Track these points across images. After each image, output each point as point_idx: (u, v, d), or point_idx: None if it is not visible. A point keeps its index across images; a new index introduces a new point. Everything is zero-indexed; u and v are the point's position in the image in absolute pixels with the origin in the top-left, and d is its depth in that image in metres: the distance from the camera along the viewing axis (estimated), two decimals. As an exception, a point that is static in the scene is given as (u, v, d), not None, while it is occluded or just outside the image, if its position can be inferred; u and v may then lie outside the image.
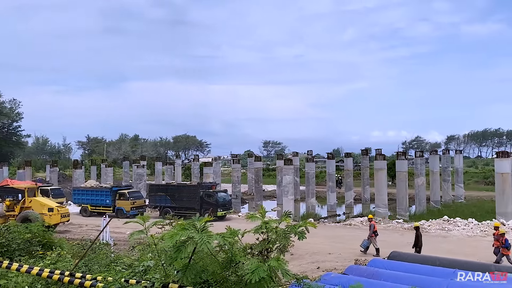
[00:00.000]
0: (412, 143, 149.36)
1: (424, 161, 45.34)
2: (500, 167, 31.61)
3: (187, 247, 4.06)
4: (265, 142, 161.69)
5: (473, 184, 65.04)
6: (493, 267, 13.81)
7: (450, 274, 12.39)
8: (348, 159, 50.51)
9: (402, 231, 28.70)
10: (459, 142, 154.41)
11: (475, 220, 29.64)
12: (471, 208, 39.36)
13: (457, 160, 51.57)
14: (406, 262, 14.59)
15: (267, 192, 58.97)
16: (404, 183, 36.96)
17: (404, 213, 35.70)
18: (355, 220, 33.62)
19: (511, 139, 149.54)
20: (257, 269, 3.86)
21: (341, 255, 21.13)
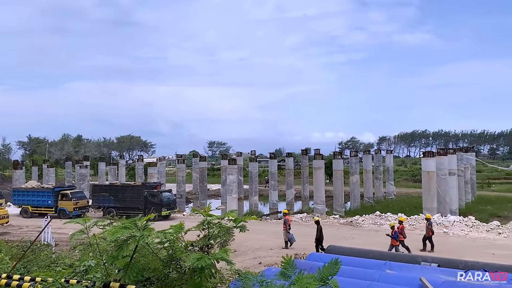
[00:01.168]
0: (348, 143, 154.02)
1: (358, 160, 46.82)
2: (427, 166, 33.20)
3: (128, 245, 3.95)
4: (210, 142, 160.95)
5: (402, 181, 67.96)
6: (420, 258, 14.48)
7: (382, 265, 12.85)
8: (289, 159, 51.37)
9: (338, 226, 29.50)
10: (390, 142, 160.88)
11: (404, 215, 30.93)
12: (401, 203, 41.03)
13: (388, 159, 53.69)
14: (343, 255, 14.98)
15: (212, 191, 58.68)
16: (340, 181, 37.99)
17: (340, 209, 36.71)
18: (295, 216, 34.15)
19: (437, 140, 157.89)
20: (202, 258, 3.83)
21: (282, 250, 21.40)
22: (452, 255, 17.96)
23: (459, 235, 25.50)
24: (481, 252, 20.55)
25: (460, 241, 24.00)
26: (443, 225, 27.62)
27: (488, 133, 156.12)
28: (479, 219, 29.33)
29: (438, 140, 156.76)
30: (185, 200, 47.23)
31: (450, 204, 33.09)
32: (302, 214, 34.95)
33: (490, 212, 34.67)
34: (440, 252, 19.29)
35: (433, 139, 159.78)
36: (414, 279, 11.17)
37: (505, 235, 24.95)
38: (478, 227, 26.87)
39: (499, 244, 22.99)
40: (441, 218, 29.23)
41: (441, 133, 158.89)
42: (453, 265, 13.57)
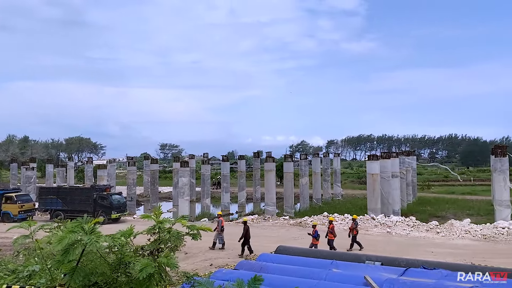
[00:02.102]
0: (298, 146, 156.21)
1: (308, 163, 47.62)
2: (371, 168, 34.26)
3: (75, 249, 3.81)
4: (162, 144, 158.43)
5: (349, 183, 69.71)
6: (365, 257, 14.92)
7: (328, 265, 13.13)
8: (241, 161, 51.52)
9: (288, 227, 29.81)
10: (337, 146, 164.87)
11: (349, 216, 31.71)
12: (347, 204, 42.08)
13: (336, 162, 54.98)
14: (292, 255, 15.17)
15: (163, 194, 57.76)
16: (290, 183, 38.46)
17: (290, 210, 37.16)
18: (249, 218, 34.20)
19: (381, 144, 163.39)
20: (146, 266, 3.76)
21: (233, 251, 21.36)
22: (394, 253, 18.63)
23: (401, 235, 26.46)
24: (422, 251, 21.44)
25: (402, 240, 24.91)
26: (386, 225, 28.57)
27: (428, 137, 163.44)
28: (420, 219, 30.56)
29: (382, 144, 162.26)
30: (135, 203, 46.19)
31: (393, 205, 34.31)
32: (254, 216, 35.09)
33: (430, 213, 36.25)
34: (383, 251, 19.91)
35: (377, 143, 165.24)
36: (359, 277, 11.49)
37: (443, 234, 26.16)
38: (418, 227, 28.00)
39: (438, 243, 24.07)
40: (384, 218, 30.22)
41: (385, 137, 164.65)
42: (395, 263, 14.07)
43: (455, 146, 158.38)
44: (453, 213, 35.15)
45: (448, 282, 11.10)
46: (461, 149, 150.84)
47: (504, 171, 29.03)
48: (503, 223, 26.79)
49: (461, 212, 35.62)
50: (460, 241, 24.52)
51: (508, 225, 26.35)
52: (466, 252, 21.26)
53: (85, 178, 51.91)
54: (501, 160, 29.12)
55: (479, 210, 36.28)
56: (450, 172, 55.99)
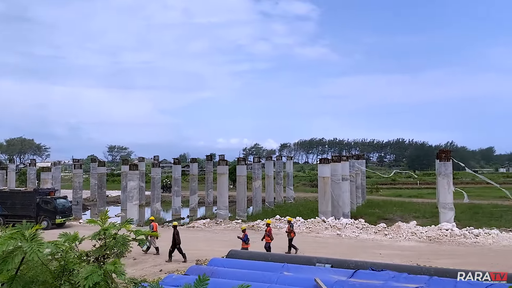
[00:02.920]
0: (251, 149, 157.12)
1: (261, 166, 47.95)
2: (322, 171, 34.93)
3: (14, 257, 3.63)
4: (110, 146, 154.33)
5: (301, 186, 70.80)
6: (315, 260, 15.18)
7: (280, 268, 13.26)
8: (194, 164, 51.12)
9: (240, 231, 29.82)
10: (290, 149, 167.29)
11: (302, 218, 32.18)
12: (299, 207, 42.66)
13: (288, 165, 55.71)
14: (243, 259, 15.19)
15: (111, 198, 56.24)
16: (243, 186, 38.54)
17: (242, 214, 37.23)
18: (198, 222, 33.97)
19: (332, 147, 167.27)
20: (92, 274, 3.64)
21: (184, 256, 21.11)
22: (344, 256, 19.07)
23: (351, 237, 27.17)
24: (370, 252, 22.11)
25: (352, 242, 25.59)
26: (337, 228, 29.23)
27: (377, 142, 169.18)
28: (369, 221, 31.48)
29: (334, 147, 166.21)
30: (81, 207, 44.72)
31: (343, 208, 35.16)
32: (206, 220, 34.86)
33: (378, 215, 37.43)
34: (334, 253, 20.34)
35: (329, 147, 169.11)
36: (309, 280, 11.69)
37: (390, 236, 27.09)
38: (367, 229, 28.85)
39: (385, 245, 24.90)
40: (335, 220, 30.90)
41: (336, 141, 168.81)
42: (344, 265, 14.41)
43: (402, 150, 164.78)
44: (400, 216, 36.45)
45: (395, 283, 11.53)
46: (408, 153, 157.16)
47: (448, 175, 30.45)
48: (446, 225, 28.10)
49: (408, 215, 37.00)
50: (406, 242, 25.48)
51: (452, 227, 27.67)
52: (412, 253, 22.12)
53: (28, 181, 49.66)
54: (445, 164, 30.54)
55: (424, 213, 37.83)
56: (413, 175, 58.19)
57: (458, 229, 27.50)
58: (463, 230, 27.17)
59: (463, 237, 26.07)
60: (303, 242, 24.90)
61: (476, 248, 23.93)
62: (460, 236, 26.29)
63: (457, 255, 21.63)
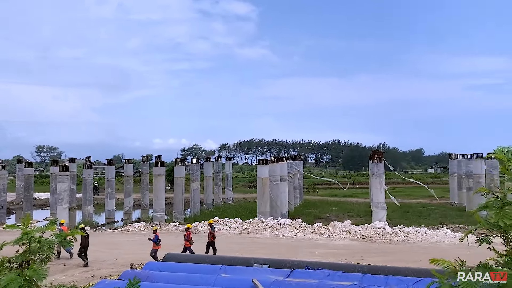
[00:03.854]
0: (190, 150, 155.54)
1: (199, 167, 47.62)
2: (261, 172, 35.35)
3: None
4: (38, 147, 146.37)
5: (240, 187, 71.16)
6: (253, 261, 15.31)
7: (217, 270, 13.25)
8: (128, 166, 49.85)
9: (177, 233, 29.45)
10: (230, 150, 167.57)
11: (240, 219, 32.37)
12: (238, 208, 42.87)
13: (228, 166, 55.77)
14: (180, 262, 15.02)
15: (39, 201, 53.43)
16: (181, 188, 38.06)
17: (180, 216, 36.75)
18: (133, 225, 33.14)
19: (271, 148, 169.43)
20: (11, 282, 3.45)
21: (117, 261, 20.51)
22: (282, 256, 19.43)
23: (288, 237, 27.69)
24: (307, 252, 22.66)
25: (289, 242, 26.08)
26: (275, 228, 29.68)
27: (314, 143, 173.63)
28: (305, 221, 32.25)
29: (273, 148, 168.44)
30: (5, 211, 42.08)
31: (281, 208, 35.76)
32: (141, 223, 34.08)
33: (315, 215, 38.44)
34: (272, 254, 20.63)
35: (268, 148, 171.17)
36: (246, 281, 11.78)
37: (326, 235, 27.92)
38: (304, 229, 29.54)
39: (321, 244, 25.62)
40: (273, 221, 31.36)
41: (275, 142, 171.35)
42: (282, 265, 14.67)
43: (338, 151, 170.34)
44: (335, 215, 37.65)
45: (330, 281, 11.93)
46: (343, 154, 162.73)
47: (380, 175, 31.88)
48: (379, 223, 29.40)
49: (343, 214, 38.31)
50: (341, 241, 26.38)
51: (384, 226, 29.00)
52: (347, 252, 22.94)
53: None
54: (378, 165, 31.95)
55: (358, 212, 39.35)
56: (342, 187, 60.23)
57: (390, 227, 28.86)
58: (395, 229, 28.56)
59: (394, 235, 27.39)
60: (241, 244, 25.07)
61: (406, 245, 25.24)
62: (391, 234, 27.61)
63: (388, 253, 22.70)
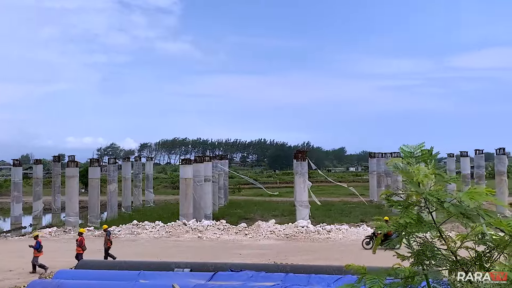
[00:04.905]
0: (107, 149, 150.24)
1: (117, 168, 46.16)
2: (184, 173, 34.94)
3: None
4: None
5: (162, 188, 70.01)
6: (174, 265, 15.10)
7: (135, 276, 12.91)
8: (38, 166, 47.17)
9: (93, 238, 28.30)
10: (151, 149, 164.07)
11: (161, 223, 31.76)
12: (159, 211, 42.12)
13: (148, 167, 54.52)
14: (95, 269, 14.45)
15: None
16: (96, 190, 36.69)
17: (95, 220, 35.38)
18: (43, 231, 31.31)
19: (196, 147, 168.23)
20: None
21: (24, 270, 19.30)
22: (205, 258, 19.35)
23: (212, 239, 27.65)
24: (231, 253, 22.77)
25: (213, 244, 26.05)
26: (198, 230, 29.50)
27: (240, 142, 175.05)
28: (230, 222, 32.40)
29: (197, 147, 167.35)
30: None
31: (205, 209, 35.62)
32: (52, 228, 32.34)
33: (240, 215, 38.77)
34: (194, 257, 20.47)
35: (192, 147, 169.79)
36: (166, 286, 11.59)
37: (251, 236, 28.24)
38: (228, 230, 29.65)
39: (245, 244, 25.86)
40: (196, 223, 31.16)
41: (199, 141, 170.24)
42: (204, 268, 14.63)
43: (264, 150, 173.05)
44: (260, 215, 38.23)
45: (253, 282, 12.09)
46: (269, 153, 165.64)
47: (304, 174, 32.85)
48: (302, 222, 30.27)
49: (268, 213, 39.00)
50: (266, 241, 26.81)
51: (307, 224, 29.91)
52: (271, 252, 23.35)
53: None
54: (302, 164, 32.90)
55: (283, 211, 40.27)
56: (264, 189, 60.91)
57: (313, 226, 29.83)
58: (317, 227, 29.56)
59: (317, 234, 28.34)
60: (162, 247, 24.64)
61: (329, 243, 26.21)
62: (314, 232, 28.53)
63: (311, 251, 23.45)
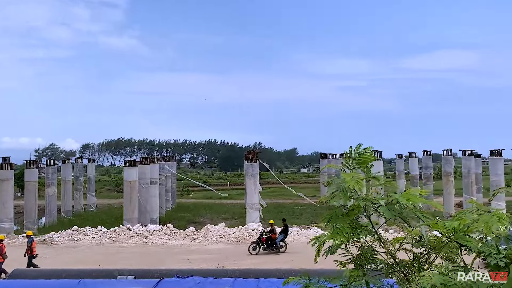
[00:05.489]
0: (46, 150, 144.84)
1: (56, 170, 44.60)
2: (129, 175, 34.22)
3: None
4: None
5: (105, 192, 68.32)
6: (116, 272, 14.75)
7: (75, 285, 12.51)
8: (-34, 169, 44.64)
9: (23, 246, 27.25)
10: (94, 150, 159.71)
11: (104, 228, 30.98)
12: (102, 216, 41.09)
13: (91, 169, 52.97)
14: (31, 279, 13.90)
15: None
16: (33, 194, 35.35)
17: (32, 226, 33.98)
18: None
19: (142, 148, 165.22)
20: None
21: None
22: (150, 265, 19.06)
23: (158, 244, 27.26)
24: (178, 259, 22.60)
25: (159, 250, 25.69)
26: (143, 235, 28.99)
27: (189, 142, 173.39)
28: (178, 226, 32.06)
29: (144, 148, 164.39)
30: None
31: (151, 213, 35.04)
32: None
33: (188, 219, 38.43)
34: (139, 264, 20.13)
35: (138, 148, 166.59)
36: (108, 295, 11.33)
37: (199, 240, 28.07)
38: (176, 235, 29.32)
39: (194, 249, 25.70)
40: (141, 228, 30.61)
41: (146, 141, 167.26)
42: (149, 275, 14.38)
43: (214, 151, 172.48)
44: (210, 218, 38.09)
45: (200, 288, 11.99)
46: (219, 154, 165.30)
47: (255, 176, 33.02)
48: (252, 225, 30.43)
49: (218, 217, 38.92)
50: (215, 245, 26.74)
51: (257, 227, 30.08)
52: (220, 256, 23.32)
53: None
54: (252, 165, 33.06)
55: (233, 214, 40.31)
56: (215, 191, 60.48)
57: (263, 228, 29.98)
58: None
59: (267, 236, 28.52)
60: (104, 254, 24.05)
61: (279, 246, 26.43)
62: (265, 235, 28.70)
63: (261, 255, 23.59)
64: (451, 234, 3.15)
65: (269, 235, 24.20)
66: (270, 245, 23.96)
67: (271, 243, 23.99)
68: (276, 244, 23.96)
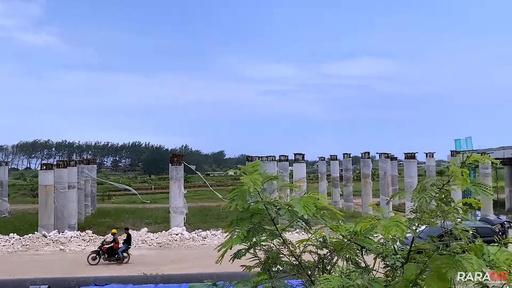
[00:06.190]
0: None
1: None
2: (44, 179, 32.58)
3: None
4: None
5: (20, 197, 64.58)
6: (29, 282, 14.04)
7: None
8: None
9: None
10: (8, 153, 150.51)
11: (17, 235, 29.39)
12: (15, 222, 38.80)
13: (3, 172, 49.81)
14: None
15: None
16: None
17: None
18: None
19: (60, 150, 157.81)
20: None
21: None
22: (67, 273, 18.32)
23: (76, 251, 26.23)
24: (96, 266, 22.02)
25: (77, 257, 24.70)
26: (60, 242, 27.79)
27: (111, 145, 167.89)
28: (97, 232, 31.00)
29: (62, 151, 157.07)
30: None
31: (68, 219, 33.53)
32: None
33: (108, 224, 37.14)
34: (53, 272, 19.24)
35: (56, 150, 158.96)
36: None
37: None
38: (95, 241, 28.33)
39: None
40: (58, 234, 29.33)
41: (65, 144, 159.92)
42: (64, 284, 13.86)
43: (138, 154, 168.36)
44: (132, 223, 37.10)
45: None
46: (144, 157, 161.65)
47: (179, 179, 32.68)
48: (176, 229, 30.09)
49: (140, 222, 38.00)
50: (137, 251, 26.11)
51: (182, 231, 29.80)
52: (142, 262, 22.85)
53: None
54: (177, 168, 32.71)
55: (157, 218, 39.54)
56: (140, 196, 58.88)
57: (188, 232, 29.81)
58: (192, 233, 29.62)
59: (192, 240, 28.39)
60: (17, 263, 22.79)
61: (203, 250, 26.38)
62: (189, 239, 28.55)
63: (185, 259, 23.44)
64: (351, 237, 3.35)
65: (111, 245, 23.55)
66: (111, 255, 23.27)
67: (112, 253, 23.35)
68: (118, 254, 23.23)
